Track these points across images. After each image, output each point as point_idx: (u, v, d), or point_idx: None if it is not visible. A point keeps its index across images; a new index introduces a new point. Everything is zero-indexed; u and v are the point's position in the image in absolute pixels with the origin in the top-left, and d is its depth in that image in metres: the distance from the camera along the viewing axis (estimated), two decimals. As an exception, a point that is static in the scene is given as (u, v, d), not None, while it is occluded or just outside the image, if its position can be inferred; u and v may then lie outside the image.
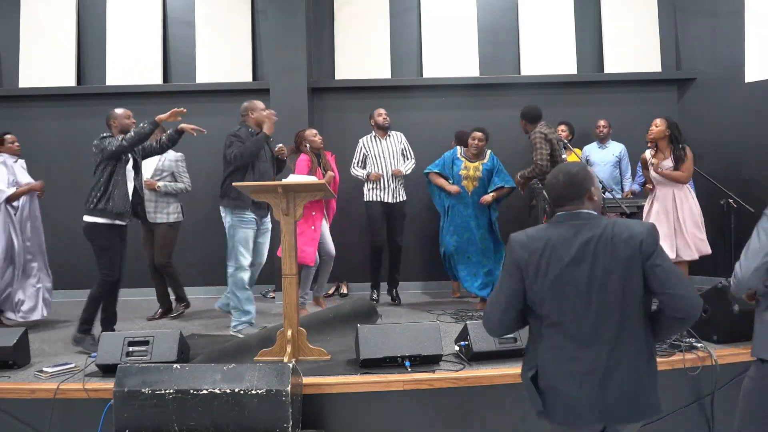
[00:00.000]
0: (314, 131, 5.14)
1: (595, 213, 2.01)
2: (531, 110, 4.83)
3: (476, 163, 5.07)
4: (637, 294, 1.90)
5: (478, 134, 5.06)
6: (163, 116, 3.97)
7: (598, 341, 1.89)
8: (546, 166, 4.57)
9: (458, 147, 5.22)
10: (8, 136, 4.98)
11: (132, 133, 3.90)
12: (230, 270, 4.23)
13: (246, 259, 4.21)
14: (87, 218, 3.89)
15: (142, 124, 3.92)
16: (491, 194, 5.04)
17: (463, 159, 5.10)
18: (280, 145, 4.50)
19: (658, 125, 4.58)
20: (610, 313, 1.89)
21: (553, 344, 1.93)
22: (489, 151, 5.18)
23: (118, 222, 3.94)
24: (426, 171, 5.23)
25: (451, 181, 5.10)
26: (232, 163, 4.14)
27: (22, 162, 5.08)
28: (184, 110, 4.04)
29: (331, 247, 5.13)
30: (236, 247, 4.19)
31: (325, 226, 5.17)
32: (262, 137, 4.22)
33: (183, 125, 4.14)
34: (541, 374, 1.95)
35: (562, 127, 5.78)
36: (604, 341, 1.88)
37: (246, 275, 4.23)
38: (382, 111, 5.44)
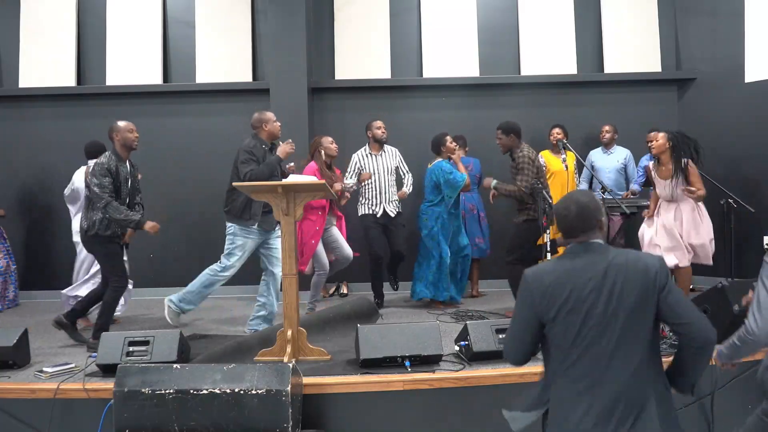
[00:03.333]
0: (331, 139, 5.04)
1: (605, 243, 1.99)
2: (518, 126, 4.78)
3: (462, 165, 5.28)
4: (650, 324, 1.89)
5: (449, 136, 5.21)
6: (147, 226, 3.94)
7: (617, 375, 1.85)
8: (526, 193, 4.55)
9: (444, 161, 5.16)
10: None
11: (117, 216, 3.85)
12: (215, 267, 4.27)
13: (234, 267, 4.27)
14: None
15: (131, 217, 3.88)
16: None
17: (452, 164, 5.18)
18: (291, 164, 4.52)
19: (658, 140, 4.46)
20: (628, 345, 1.86)
21: (568, 379, 1.90)
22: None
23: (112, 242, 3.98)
24: (462, 178, 5.08)
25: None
26: (245, 182, 4.10)
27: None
28: (158, 227, 4.02)
29: (348, 251, 5.09)
30: (233, 251, 4.23)
31: (337, 231, 5.12)
32: (276, 160, 4.25)
33: (147, 228, 3.99)
34: (553, 410, 1.93)
35: (557, 129, 5.73)
36: (623, 375, 1.85)
37: (221, 283, 4.28)
38: (380, 124, 5.29)
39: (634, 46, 6.39)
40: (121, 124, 4.05)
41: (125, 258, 4.35)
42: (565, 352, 1.90)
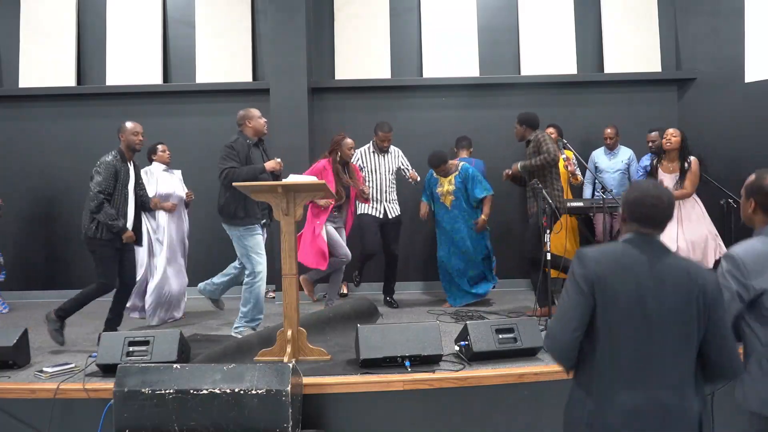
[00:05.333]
0: (352, 144, 4.99)
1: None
2: (532, 117, 4.87)
3: (449, 177, 5.20)
4: (697, 337, 1.79)
5: (443, 165, 5.16)
6: (127, 235, 3.97)
7: (662, 377, 1.77)
8: (556, 158, 4.66)
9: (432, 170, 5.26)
10: (160, 146, 5.06)
11: (104, 220, 3.90)
12: (248, 279, 4.17)
13: (262, 264, 4.18)
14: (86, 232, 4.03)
15: (116, 224, 3.92)
16: (482, 217, 5.13)
17: (438, 177, 5.23)
18: (278, 160, 4.48)
19: (675, 136, 4.55)
20: (677, 351, 1.77)
21: (611, 375, 1.78)
22: (459, 164, 5.26)
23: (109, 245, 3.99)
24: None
25: (432, 201, 5.32)
26: (223, 181, 4.10)
27: (178, 173, 5.14)
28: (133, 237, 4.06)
29: (346, 249, 5.03)
30: (250, 254, 4.14)
31: (332, 231, 5.04)
32: (259, 170, 4.14)
33: (124, 239, 4.01)
34: (596, 404, 1.79)
35: (550, 129, 5.75)
36: (669, 379, 1.77)
37: (264, 284, 4.20)
38: (387, 136, 5.33)
39: (634, 46, 6.39)
40: (129, 125, 4.09)
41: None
42: (614, 349, 1.78)
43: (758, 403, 2.05)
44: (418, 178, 5.42)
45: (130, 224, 4.10)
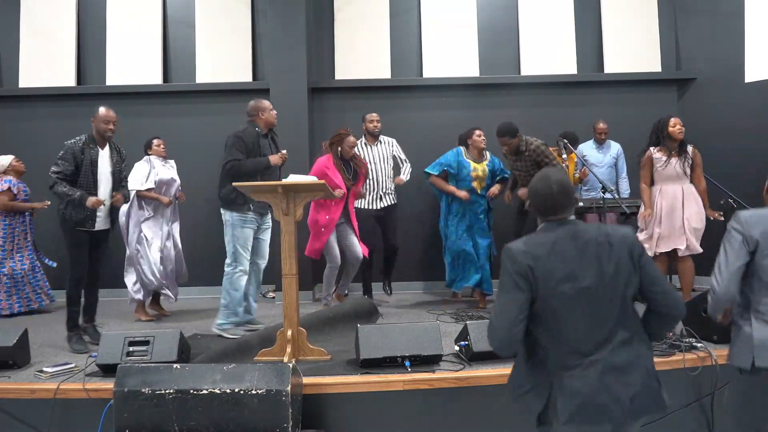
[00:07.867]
0: (353, 142, 4.96)
1: (576, 219, 2.03)
2: (508, 126, 4.78)
3: (482, 164, 5.10)
4: (635, 291, 1.95)
5: (481, 131, 5.10)
6: (89, 203, 3.91)
7: (611, 340, 1.89)
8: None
9: (461, 148, 5.16)
10: (155, 141, 5.14)
11: (62, 196, 3.94)
12: (228, 269, 4.21)
13: (244, 258, 4.20)
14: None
15: (73, 194, 3.91)
16: (497, 186, 5.09)
17: (469, 161, 5.09)
18: (284, 152, 4.47)
19: (683, 125, 4.58)
20: (618, 313, 1.91)
21: (563, 352, 1.89)
22: (487, 152, 5.21)
23: (82, 228, 3.98)
24: (427, 171, 5.13)
25: (455, 183, 5.06)
26: (226, 172, 4.11)
27: (171, 162, 5.24)
28: (100, 202, 3.97)
29: (358, 251, 5.00)
30: (236, 248, 4.18)
31: (352, 228, 5.06)
32: (265, 164, 4.15)
33: (89, 204, 3.94)
34: (555, 384, 1.89)
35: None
36: (617, 340, 1.89)
37: (244, 278, 4.22)
38: (373, 117, 5.42)
39: (634, 46, 6.39)
40: (100, 112, 4.07)
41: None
42: (557, 326, 1.89)
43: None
44: (403, 181, 5.42)
45: (87, 215, 4.03)
